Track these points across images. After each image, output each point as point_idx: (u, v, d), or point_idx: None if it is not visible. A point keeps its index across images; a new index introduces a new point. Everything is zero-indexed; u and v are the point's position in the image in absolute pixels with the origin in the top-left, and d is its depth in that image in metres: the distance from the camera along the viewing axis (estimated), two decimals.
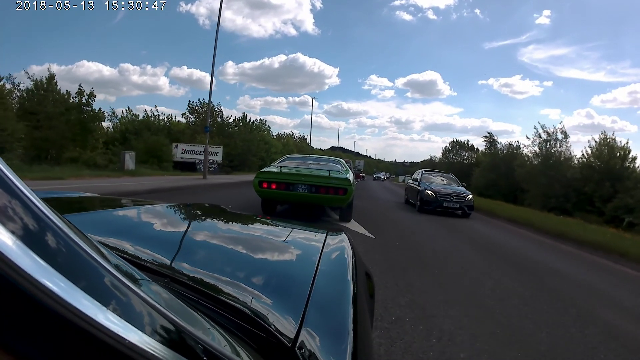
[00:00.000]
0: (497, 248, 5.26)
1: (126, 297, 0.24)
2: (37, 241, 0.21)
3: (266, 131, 32.52)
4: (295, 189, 4.87)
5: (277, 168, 5.28)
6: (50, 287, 0.19)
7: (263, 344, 0.40)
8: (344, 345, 0.44)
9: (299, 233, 1.00)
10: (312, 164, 6.06)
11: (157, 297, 0.29)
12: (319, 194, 4.84)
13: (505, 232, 7.42)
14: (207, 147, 13.43)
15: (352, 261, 0.75)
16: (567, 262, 4.93)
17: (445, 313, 2.39)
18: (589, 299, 3.21)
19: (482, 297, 2.86)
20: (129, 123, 21.96)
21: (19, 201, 0.21)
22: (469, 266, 3.86)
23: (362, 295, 0.66)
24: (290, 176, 4.94)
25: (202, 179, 13.07)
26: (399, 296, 2.62)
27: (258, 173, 5.09)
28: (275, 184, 4.90)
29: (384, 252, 4.01)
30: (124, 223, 0.82)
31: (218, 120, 26.09)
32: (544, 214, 11.71)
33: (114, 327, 0.20)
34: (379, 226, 5.76)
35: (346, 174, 5.32)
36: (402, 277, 3.10)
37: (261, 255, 0.77)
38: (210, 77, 13.11)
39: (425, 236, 5.52)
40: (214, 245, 0.78)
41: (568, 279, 3.91)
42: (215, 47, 12.58)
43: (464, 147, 35.07)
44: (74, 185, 7.35)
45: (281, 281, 0.61)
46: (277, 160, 6.53)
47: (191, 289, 0.47)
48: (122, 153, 13.13)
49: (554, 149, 18.77)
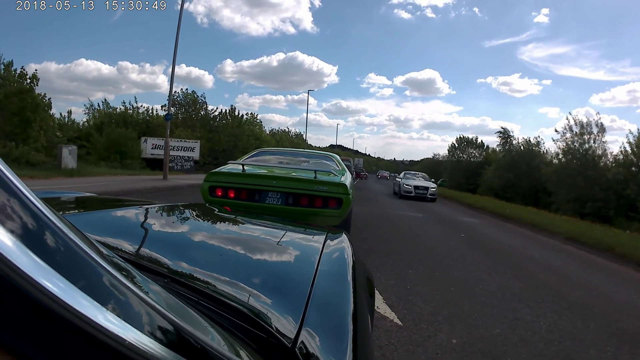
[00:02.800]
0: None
1: (125, 297, 0.24)
2: (36, 241, 0.21)
3: (257, 126, 29.71)
4: (264, 199, 3.22)
5: (239, 167, 3.45)
6: (49, 287, 0.19)
7: (263, 344, 0.40)
8: (344, 345, 0.45)
9: (299, 233, 1.02)
10: (293, 162, 4.20)
11: (156, 297, 0.29)
12: (298, 206, 3.18)
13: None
14: (168, 140, 10.77)
15: (352, 261, 0.75)
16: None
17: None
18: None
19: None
20: (105, 117, 19.61)
21: (18, 201, 0.21)
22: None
23: (362, 295, 0.66)
24: (256, 179, 3.26)
25: (161, 179, 10.40)
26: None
27: (209, 174, 3.38)
28: (233, 191, 3.25)
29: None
30: (124, 223, 0.81)
31: (202, 113, 23.36)
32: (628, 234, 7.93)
33: (113, 328, 0.20)
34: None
35: (341, 176, 3.56)
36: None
37: (261, 255, 0.76)
38: (173, 60, 10.62)
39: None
40: (214, 245, 0.77)
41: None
42: (177, 32, 10.67)
43: (471, 144, 32.33)
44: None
45: (281, 281, 0.60)
46: (244, 156, 4.55)
47: (191, 289, 0.46)
48: (60, 147, 10.49)
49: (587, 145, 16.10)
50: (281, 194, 3.20)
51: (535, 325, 2.40)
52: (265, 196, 3.21)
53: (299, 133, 46.59)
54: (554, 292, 3.26)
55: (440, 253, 4.42)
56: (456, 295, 2.87)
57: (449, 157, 34.17)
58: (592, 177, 14.50)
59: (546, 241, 6.63)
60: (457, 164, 31.08)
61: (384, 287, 2.84)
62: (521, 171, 19.53)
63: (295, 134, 46.53)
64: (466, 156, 31.82)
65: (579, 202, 14.69)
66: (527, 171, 19.42)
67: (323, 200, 3.18)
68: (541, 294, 3.13)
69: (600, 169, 14.72)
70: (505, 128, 26.02)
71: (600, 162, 15.59)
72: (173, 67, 10.99)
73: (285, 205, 3.18)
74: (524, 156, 20.32)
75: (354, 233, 4.26)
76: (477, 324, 2.32)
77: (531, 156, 19.95)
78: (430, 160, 43.47)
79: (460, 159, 31.88)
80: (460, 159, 31.88)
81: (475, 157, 31.05)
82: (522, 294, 3.07)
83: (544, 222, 8.27)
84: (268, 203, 3.20)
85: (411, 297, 2.70)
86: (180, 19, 10.68)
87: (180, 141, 17.65)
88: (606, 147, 15.88)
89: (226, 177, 3.30)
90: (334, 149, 72.69)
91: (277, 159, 4.25)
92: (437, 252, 4.47)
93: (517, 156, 20.65)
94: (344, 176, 3.56)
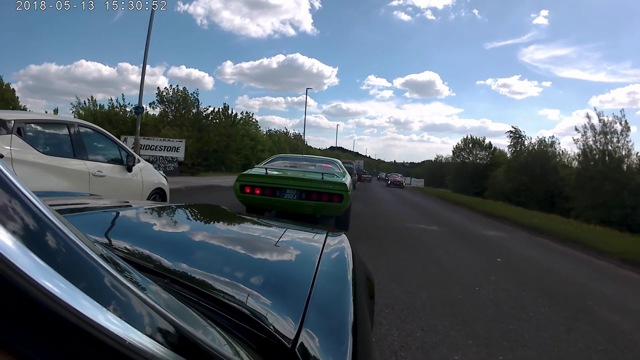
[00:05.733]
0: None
1: (126, 298, 0.24)
2: (37, 241, 0.21)
3: (253, 126, 28.22)
4: (283, 194, 4.18)
5: (262, 170, 4.54)
6: (50, 288, 0.19)
7: (263, 345, 0.40)
8: (344, 346, 0.44)
9: (299, 234, 1.01)
10: (304, 166, 5.33)
11: (157, 297, 0.29)
12: (310, 200, 4.14)
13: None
14: (138, 137, 9.34)
15: (352, 261, 0.75)
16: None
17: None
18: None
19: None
20: (90, 116, 18.39)
21: (19, 201, 0.21)
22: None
23: (362, 296, 0.66)
24: (277, 179, 4.26)
25: None
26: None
27: (240, 176, 4.39)
28: (259, 189, 4.20)
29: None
30: (124, 224, 0.81)
31: (193, 111, 21.92)
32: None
33: (113, 328, 0.20)
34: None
35: (342, 177, 4.51)
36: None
37: (261, 255, 0.76)
38: (145, 53, 9.12)
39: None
40: (214, 245, 0.77)
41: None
42: (149, 30, 10.12)
43: (478, 145, 30.88)
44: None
45: (281, 282, 0.60)
46: (263, 160, 5.84)
47: (191, 290, 0.46)
48: None
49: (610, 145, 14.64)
50: (296, 190, 4.15)
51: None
52: (284, 192, 4.16)
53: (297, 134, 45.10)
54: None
55: (487, 301, 2.92)
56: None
57: (453, 158, 32.73)
58: (619, 180, 13.04)
59: (600, 266, 5.17)
60: (462, 166, 29.64)
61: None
62: (535, 174, 18.02)
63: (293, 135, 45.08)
64: (472, 158, 30.40)
65: (603, 208, 13.19)
66: (542, 174, 17.96)
67: (328, 196, 4.11)
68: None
69: (627, 172, 13.25)
70: (516, 128, 24.47)
71: (624, 164, 14.13)
72: (144, 64, 9.57)
73: (299, 200, 4.13)
74: (538, 158, 18.78)
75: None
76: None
77: (546, 158, 18.46)
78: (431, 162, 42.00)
79: (465, 160, 30.45)
80: (465, 160, 30.45)
81: (482, 159, 29.61)
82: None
83: (587, 238, 6.78)
84: (287, 198, 4.15)
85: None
86: (152, 19, 9.36)
87: (163, 140, 16.09)
88: (629, 147, 14.43)
89: (253, 178, 4.28)
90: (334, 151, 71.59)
91: (290, 164, 5.38)
92: (481, 300, 2.96)
93: (531, 158, 19.08)
94: (344, 177, 4.56)
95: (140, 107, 9.55)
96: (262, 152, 24.25)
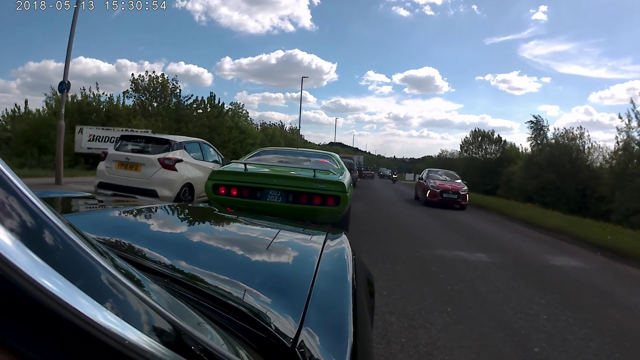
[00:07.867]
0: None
1: (125, 297, 0.24)
2: (35, 240, 0.20)
3: (243, 117, 25.66)
4: (265, 196, 3.38)
5: (241, 166, 3.61)
6: (48, 286, 0.19)
7: (263, 344, 0.39)
8: (344, 345, 0.44)
9: (299, 233, 1.01)
10: (295, 161, 4.36)
11: (156, 296, 0.28)
12: (298, 204, 3.34)
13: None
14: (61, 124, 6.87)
15: (352, 261, 0.75)
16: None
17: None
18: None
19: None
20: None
21: (17, 199, 0.21)
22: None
23: (361, 295, 0.66)
24: (257, 178, 3.45)
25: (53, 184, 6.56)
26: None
27: (212, 173, 3.63)
28: (235, 189, 3.41)
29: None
30: (124, 223, 0.80)
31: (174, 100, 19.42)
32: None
33: (112, 327, 0.20)
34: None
35: (339, 174, 3.70)
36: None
37: (261, 255, 0.75)
38: (68, 43, 6.64)
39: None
40: (214, 245, 0.77)
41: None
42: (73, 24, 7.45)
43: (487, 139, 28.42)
44: None
45: (281, 281, 0.60)
46: (246, 155, 4.79)
47: (191, 289, 0.46)
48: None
49: None
50: (282, 192, 3.37)
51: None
52: (266, 194, 3.39)
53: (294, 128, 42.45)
54: None
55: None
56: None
57: (460, 153, 30.26)
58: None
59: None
60: (471, 162, 27.18)
61: None
62: (565, 170, 15.53)
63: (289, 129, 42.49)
64: (482, 152, 27.96)
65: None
66: (571, 170, 15.53)
67: (322, 198, 3.32)
68: None
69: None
70: (538, 116, 21.54)
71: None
72: (68, 52, 7.01)
73: (285, 203, 3.35)
74: (567, 152, 16.22)
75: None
76: None
77: (577, 152, 15.97)
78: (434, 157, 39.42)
79: (473, 156, 28.01)
80: (473, 156, 28.01)
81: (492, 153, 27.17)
82: None
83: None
84: (269, 201, 3.37)
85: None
86: (76, 14, 6.84)
87: (123, 131, 13.09)
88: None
89: (229, 176, 3.51)
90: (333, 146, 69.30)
91: (278, 158, 4.41)
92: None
93: (558, 152, 16.53)
94: (342, 175, 3.71)
95: (65, 83, 7.06)
96: (253, 146, 21.71)
